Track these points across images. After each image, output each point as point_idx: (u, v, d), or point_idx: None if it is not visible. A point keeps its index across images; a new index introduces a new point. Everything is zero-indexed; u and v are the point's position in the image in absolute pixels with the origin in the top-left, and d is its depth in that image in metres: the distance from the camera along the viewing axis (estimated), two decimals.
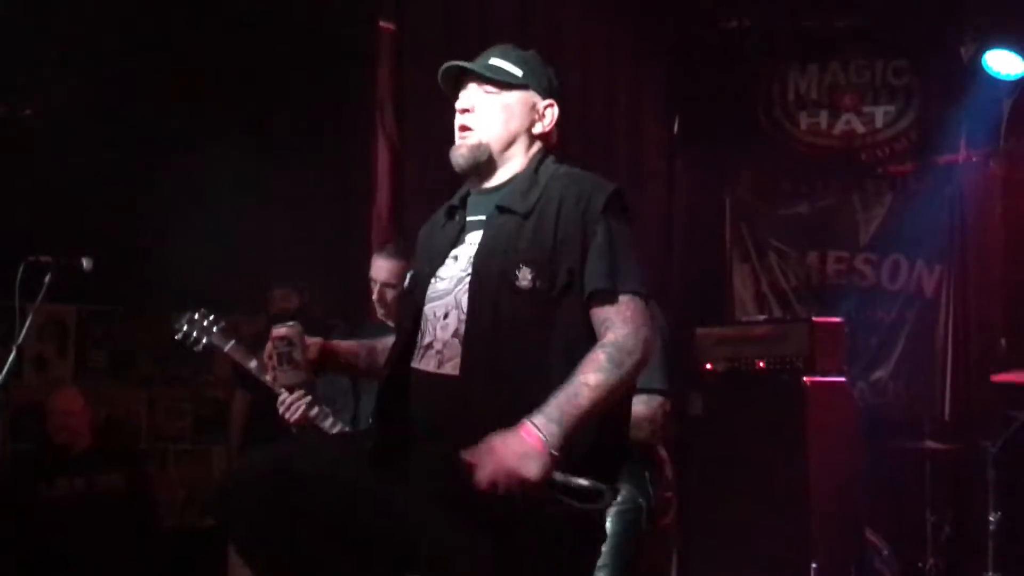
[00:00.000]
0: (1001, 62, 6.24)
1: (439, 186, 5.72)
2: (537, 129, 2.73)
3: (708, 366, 5.85)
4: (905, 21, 6.60)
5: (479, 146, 2.69)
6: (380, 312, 4.04)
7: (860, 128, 6.83)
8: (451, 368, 2.52)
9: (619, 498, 3.51)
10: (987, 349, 5.91)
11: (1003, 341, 5.71)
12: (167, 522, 5.82)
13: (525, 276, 2.51)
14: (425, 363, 2.57)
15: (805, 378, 5.46)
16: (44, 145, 5.52)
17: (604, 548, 3.44)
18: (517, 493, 2.30)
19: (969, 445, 5.64)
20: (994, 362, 5.70)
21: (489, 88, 2.71)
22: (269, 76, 5.98)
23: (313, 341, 2.82)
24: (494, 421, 2.39)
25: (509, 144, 2.71)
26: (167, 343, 6.51)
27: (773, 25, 6.87)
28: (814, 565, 5.28)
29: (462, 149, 2.70)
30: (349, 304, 5.71)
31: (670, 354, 3.67)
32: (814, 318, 5.76)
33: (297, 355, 2.76)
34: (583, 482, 2.36)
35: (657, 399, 3.56)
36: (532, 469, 2.30)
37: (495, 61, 2.74)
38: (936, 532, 5.73)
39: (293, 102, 6.09)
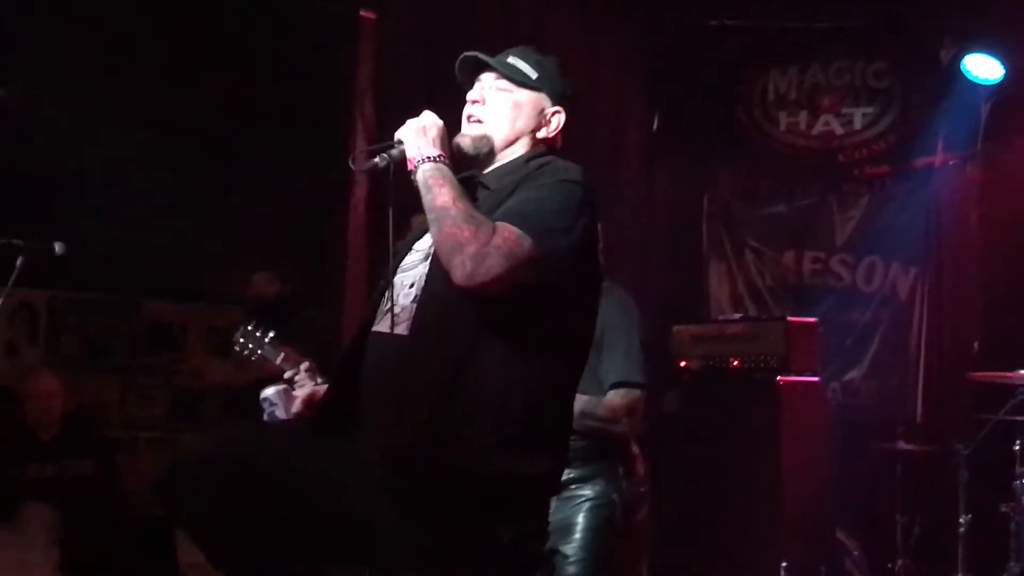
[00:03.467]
0: (980, 66, 6.26)
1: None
2: (541, 133, 2.76)
3: (683, 364, 5.86)
4: (886, 24, 6.62)
5: (483, 138, 2.71)
6: None
7: (839, 129, 6.84)
8: (403, 329, 2.53)
9: (592, 493, 3.52)
10: (960, 352, 5.93)
11: (976, 344, 5.73)
12: (137, 511, 5.78)
13: None
14: (382, 326, 2.58)
15: (779, 377, 5.48)
16: (14, 129, 5.46)
17: (577, 542, 3.47)
18: None
19: (941, 447, 5.66)
20: (967, 365, 5.71)
21: (502, 84, 2.74)
22: (247, 62, 5.94)
23: (298, 396, 2.87)
24: (432, 378, 2.43)
25: (512, 142, 2.73)
26: (140, 330, 6.56)
27: (754, 25, 6.87)
28: (784, 564, 5.30)
29: (466, 138, 2.71)
30: (326, 293, 5.70)
31: (647, 349, 3.67)
32: (789, 318, 5.78)
33: (280, 414, 2.88)
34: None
35: (634, 392, 3.57)
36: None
37: (512, 60, 2.76)
38: (906, 533, 5.74)
39: (271, 90, 6.05)
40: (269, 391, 2.95)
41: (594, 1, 6.64)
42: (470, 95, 2.76)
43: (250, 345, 3.69)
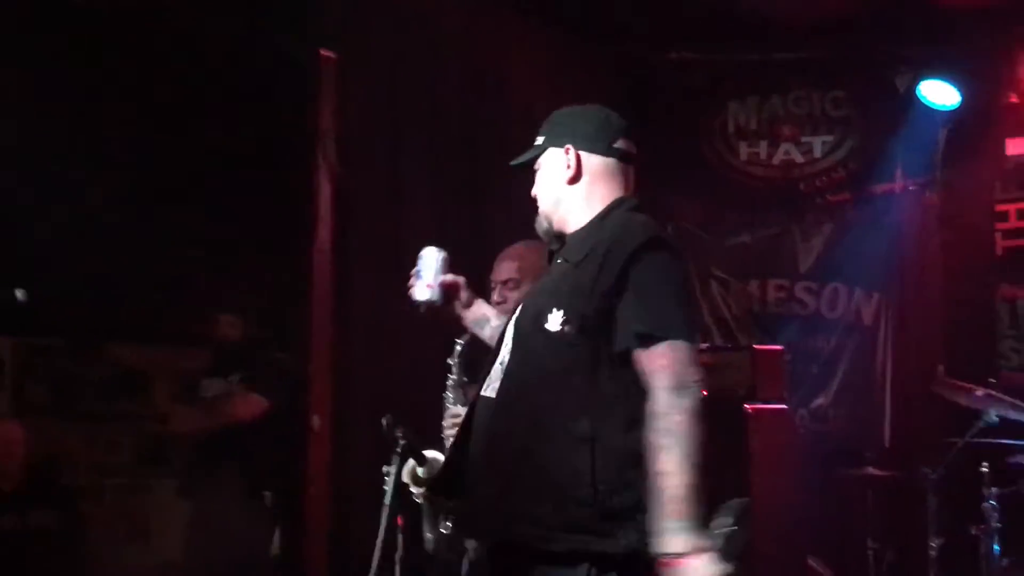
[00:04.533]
0: (936, 92, 6.34)
1: (382, 220, 5.73)
2: (566, 176, 2.78)
3: None
4: (843, 53, 6.70)
5: (539, 220, 2.86)
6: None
7: (799, 158, 6.90)
8: (491, 392, 2.67)
9: None
10: (925, 376, 5.97)
11: (941, 368, 5.78)
12: (104, 561, 5.71)
13: (556, 319, 2.57)
14: (486, 385, 2.72)
15: (747, 405, 5.48)
16: None
17: None
18: None
19: (909, 471, 5.68)
20: (932, 387, 5.75)
21: (536, 169, 2.87)
22: (209, 104, 5.93)
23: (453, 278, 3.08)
24: (506, 450, 2.54)
25: (557, 204, 2.80)
26: (106, 375, 6.51)
27: (713, 58, 6.93)
28: None
29: (539, 227, 2.88)
30: (292, 335, 5.67)
31: None
32: (755, 346, 5.79)
33: (426, 275, 3.06)
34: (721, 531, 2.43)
35: None
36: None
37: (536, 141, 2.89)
38: (878, 559, 5.76)
39: (234, 132, 6.04)
40: (430, 249, 3.07)
41: (556, 37, 6.66)
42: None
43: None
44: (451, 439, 3.55)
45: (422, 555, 3.56)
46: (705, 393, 5.71)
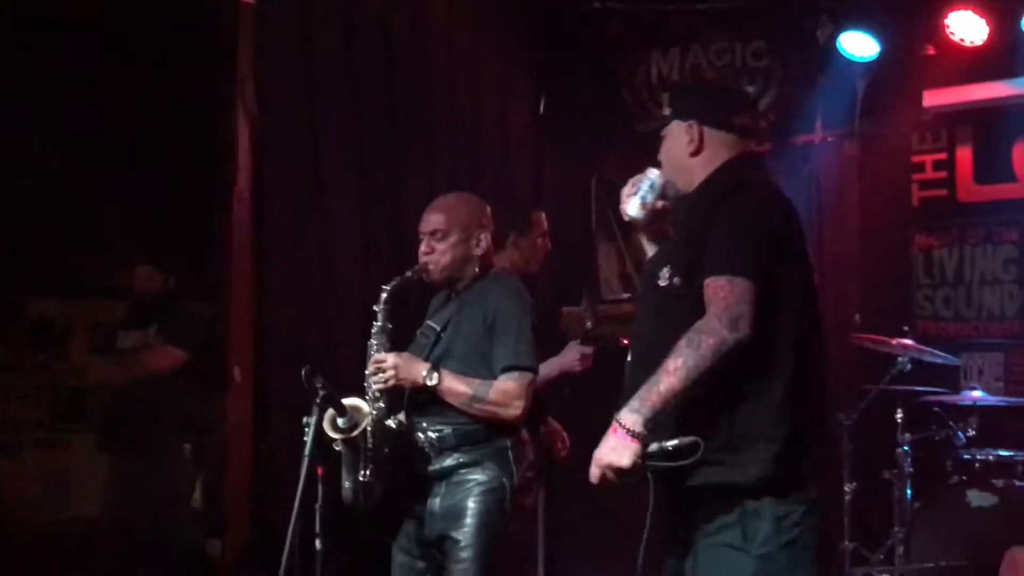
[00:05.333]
0: (855, 44, 6.37)
1: (303, 166, 5.66)
2: (689, 149, 2.95)
3: None
4: (764, 4, 6.71)
5: (665, 184, 3.02)
6: None
7: None
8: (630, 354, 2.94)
9: (483, 477, 3.52)
10: (842, 324, 6.05)
11: (857, 316, 5.86)
12: (20, 517, 5.63)
13: (664, 275, 2.81)
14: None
15: None
16: None
17: (468, 527, 3.47)
18: (616, 480, 2.69)
19: None
20: (849, 336, 5.83)
21: (662, 136, 3.05)
22: (127, 53, 5.81)
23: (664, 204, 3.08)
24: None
25: (681, 173, 2.98)
26: (22, 329, 6.39)
27: (635, 7, 6.91)
28: None
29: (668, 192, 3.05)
30: (211, 287, 5.61)
31: (537, 333, 3.68)
32: None
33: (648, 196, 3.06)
34: (674, 442, 2.66)
35: (525, 376, 3.57)
36: (620, 458, 2.66)
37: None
38: None
39: (153, 81, 5.93)
40: (653, 170, 3.05)
41: None
42: None
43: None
44: (375, 385, 3.56)
45: (341, 504, 3.55)
46: (626, 342, 5.77)
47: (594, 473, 2.73)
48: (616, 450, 2.67)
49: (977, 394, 5.41)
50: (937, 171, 6.75)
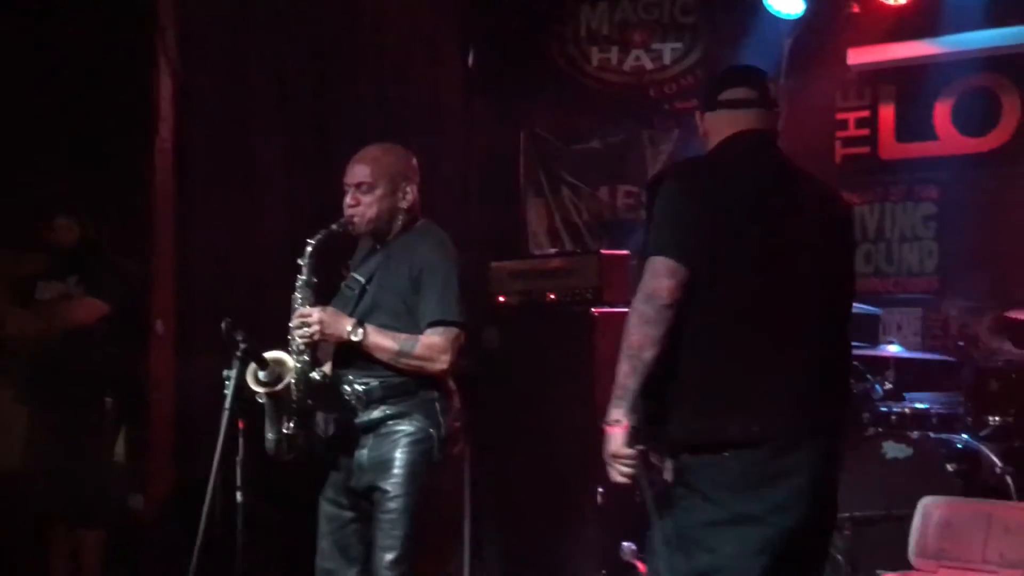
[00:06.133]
0: (782, 1, 6.41)
1: (226, 116, 5.58)
2: (702, 137, 3.17)
3: (502, 299, 5.88)
4: None
5: None
6: None
7: (649, 64, 6.93)
8: None
9: (410, 428, 3.53)
10: None
11: None
12: None
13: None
14: None
15: (594, 309, 5.56)
16: None
17: (396, 478, 3.48)
18: (627, 468, 2.82)
19: None
20: None
21: None
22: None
23: None
24: None
25: None
26: None
27: None
28: (600, 490, 5.42)
29: None
30: (133, 237, 5.52)
31: (465, 287, 3.67)
32: (602, 251, 5.85)
33: None
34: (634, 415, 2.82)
35: (451, 331, 3.57)
36: (611, 446, 2.81)
37: None
38: None
39: (72, 29, 5.78)
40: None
41: None
42: None
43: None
44: (299, 339, 3.54)
45: (263, 457, 3.54)
46: (553, 297, 5.79)
47: (611, 473, 2.86)
48: (609, 442, 2.82)
49: (895, 348, 5.51)
50: (860, 128, 6.84)
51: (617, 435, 2.79)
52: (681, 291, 2.79)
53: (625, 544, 5.23)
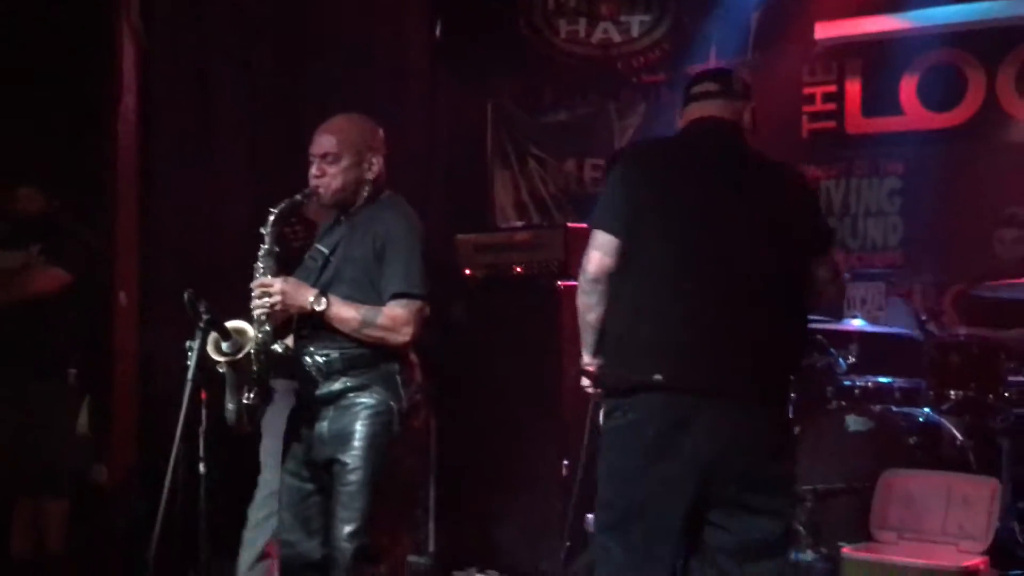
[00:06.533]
0: None
1: (190, 86, 5.53)
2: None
3: (468, 272, 5.87)
4: None
5: None
6: None
7: (617, 37, 6.91)
8: None
9: (371, 401, 3.52)
10: None
11: None
12: None
13: None
14: None
15: (560, 282, 5.56)
16: None
17: (356, 450, 3.47)
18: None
19: None
20: None
21: None
22: None
23: None
24: None
25: None
26: None
27: None
28: (565, 462, 5.44)
29: None
30: (95, 207, 5.47)
31: (429, 260, 3.66)
32: (569, 224, 5.84)
33: None
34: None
35: (414, 303, 3.56)
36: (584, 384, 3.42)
37: None
38: None
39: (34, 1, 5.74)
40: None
41: None
42: None
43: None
44: (258, 310, 3.52)
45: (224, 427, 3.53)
46: (520, 270, 5.78)
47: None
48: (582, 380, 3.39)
49: (858, 323, 5.53)
50: (827, 103, 6.86)
51: (584, 376, 3.35)
52: (612, 259, 3.17)
53: (590, 516, 5.27)
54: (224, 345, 3.44)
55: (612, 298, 3.19)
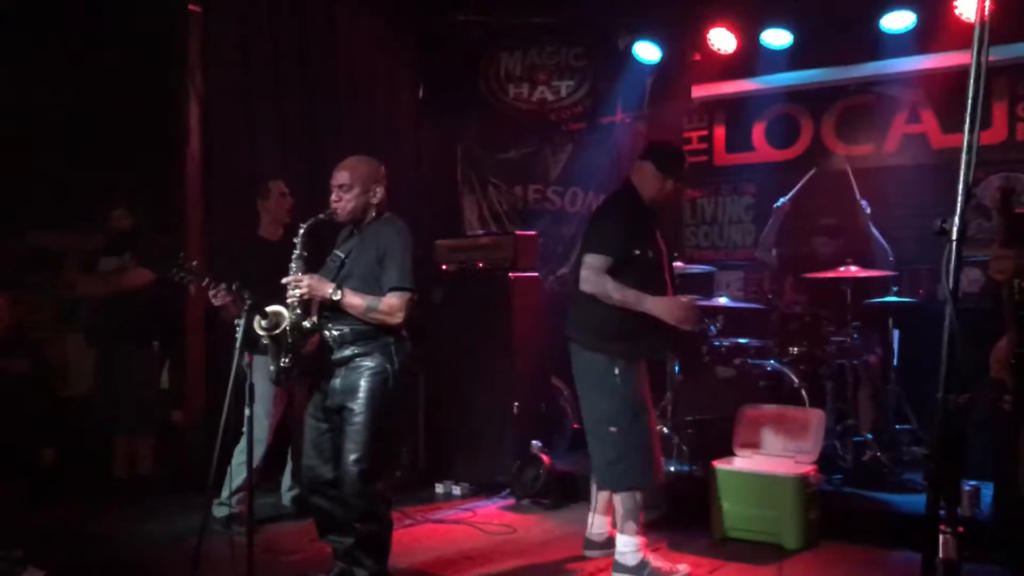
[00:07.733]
0: (645, 51, 6.41)
1: (240, 133, 5.48)
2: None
3: (445, 267, 5.85)
4: (582, 21, 6.68)
5: None
6: None
7: (551, 97, 6.88)
8: None
9: (372, 364, 3.48)
10: None
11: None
12: (34, 393, 5.42)
13: None
14: None
15: (511, 274, 5.55)
16: None
17: (361, 400, 3.43)
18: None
19: None
20: None
21: None
22: (103, 47, 5.51)
23: None
24: None
25: None
26: (27, 255, 6.10)
27: (490, 20, 6.81)
28: (516, 404, 5.43)
29: None
30: (172, 222, 5.43)
31: (417, 260, 3.64)
32: (517, 232, 5.83)
33: None
34: None
35: (405, 295, 3.53)
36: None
37: None
38: None
39: (128, 70, 5.66)
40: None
41: (369, 10, 6.43)
42: None
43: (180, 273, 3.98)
44: (291, 298, 3.48)
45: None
46: (482, 266, 5.69)
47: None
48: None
49: (724, 299, 5.57)
50: (700, 143, 6.88)
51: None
52: (607, 269, 3.72)
53: (533, 441, 5.27)
54: (264, 323, 3.40)
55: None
